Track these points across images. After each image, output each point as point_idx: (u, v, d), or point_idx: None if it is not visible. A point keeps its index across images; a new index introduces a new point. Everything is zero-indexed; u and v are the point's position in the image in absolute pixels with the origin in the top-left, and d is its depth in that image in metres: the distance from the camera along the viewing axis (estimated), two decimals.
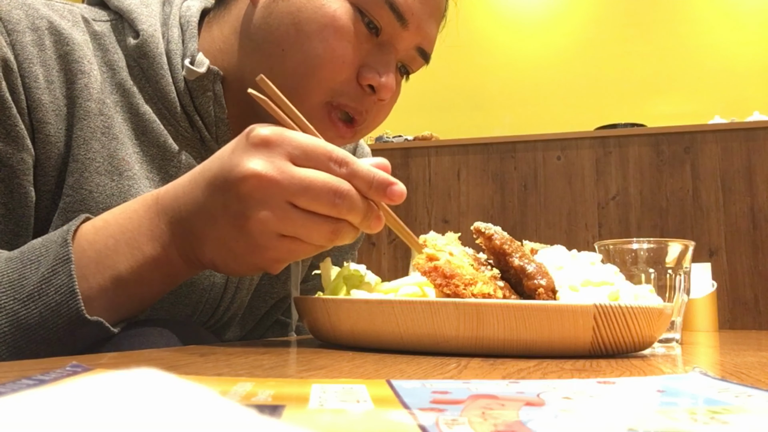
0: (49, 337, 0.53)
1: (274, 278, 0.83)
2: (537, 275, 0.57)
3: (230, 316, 0.79)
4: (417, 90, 4.20)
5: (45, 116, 0.63)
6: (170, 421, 0.14)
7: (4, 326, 0.52)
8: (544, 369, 0.43)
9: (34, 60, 0.63)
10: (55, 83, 0.64)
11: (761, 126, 3.02)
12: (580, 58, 4.01)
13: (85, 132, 0.65)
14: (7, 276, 0.53)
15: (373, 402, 0.27)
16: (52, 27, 0.65)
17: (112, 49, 0.69)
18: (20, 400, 0.14)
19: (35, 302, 0.52)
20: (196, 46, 0.71)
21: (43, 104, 0.63)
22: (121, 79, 0.69)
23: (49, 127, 0.64)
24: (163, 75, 0.69)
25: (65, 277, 0.52)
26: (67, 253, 0.52)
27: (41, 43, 0.64)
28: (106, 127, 0.66)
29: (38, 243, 0.55)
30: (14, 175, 0.62)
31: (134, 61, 0.70)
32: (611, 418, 0.25)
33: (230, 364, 0.43)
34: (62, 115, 0.65)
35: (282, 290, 0.84)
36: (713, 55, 3.83)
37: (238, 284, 0.76)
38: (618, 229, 3.05)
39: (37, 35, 0.64)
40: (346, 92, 0.68)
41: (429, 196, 3.27)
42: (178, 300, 0.71)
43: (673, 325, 0.74)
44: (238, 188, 0.52)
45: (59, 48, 0.65)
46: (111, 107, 0.67)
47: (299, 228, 0.53)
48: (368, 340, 0.56)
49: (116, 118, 0.68)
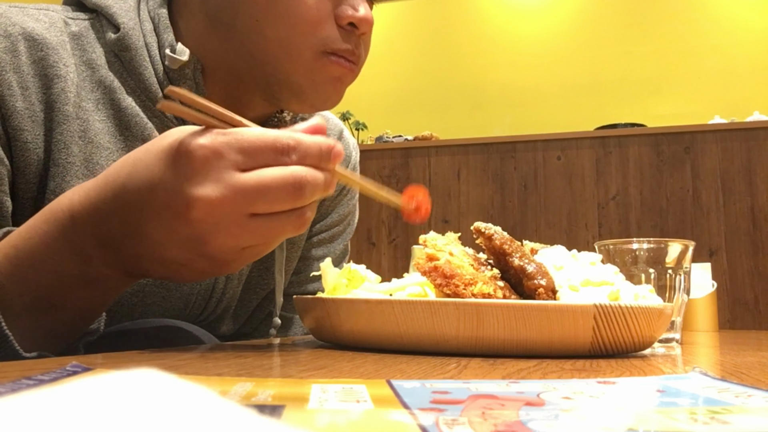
0: None
1: (264, 270, 0.83)
2: (537, 275, 0.57)
3: (223, 309, 0.79)
4: (417, 90, 4.22)
5: (21, 123, 0.63)
6: (170, 422, 0.14)
7: None
8: (544, 369, 0.43)
9: (7, 67, 0.63)
10: (30, 89, 0.64)
11: (761, 126, 3.02)
12: (580, 57, 4.01)
13: (64, 136, 0.64)
14: None
15: (373, 402, 0.27)
16: (25, 32, 0.65)
17: (90, 48, 0.69)
18: (20, 400, 0.14)
19: None
20: (172, 37, 0.71)
21: (17, 111, 0.63)
22: (101, 76, 0.69)
23: (26, 134, 0.63)
24: (146, 66, 0.69)
25: None
26: None
27: (14, 50, 0.64)
28: (83, 131, 0.66)
29: None
30: None
31: (114, 56, 0.70)
32: (611, 418, 0.25)
33: (230, 364, 0.43)
34: (39, 120, 0.64)
35: (272, 282, 0.84)
36: (713, 55, 3.84)
37: (229, 275, 0.76)
38: (618, 229, 3.05)
39: (10, 42, 0.64)
40: (331, 36, 0.68)
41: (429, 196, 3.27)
42: (169, 294, 0.71)
43: (673, 325, 0.74)
44: (187, 215, 0.47)
45: (33, 53, 0.65)
46: (90, 109, 0.67)
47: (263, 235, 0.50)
48: (368, 340, 0.56)
49: (95, 120, 0.67)
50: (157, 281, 0.70)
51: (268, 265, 0.83)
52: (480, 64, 4.14)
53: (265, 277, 0.84)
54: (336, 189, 0.91)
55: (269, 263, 0.83)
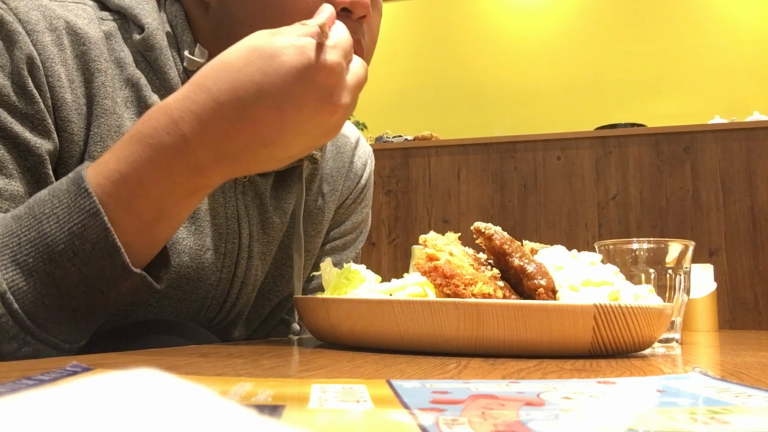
0: (90, 293, 0.53)
1: (279, 276, 0.83)
2: (537, 275, 0.57)
3: (237, 314, 0.79)
4: (417, 90, 4.22)
5: (69, 115, 0.64)
6: (170, 422, 0.14)
7: (38, 288, 0.52)
8: (544, 369, 0.43)
9: (56, 59, 0.64)
10: (75, 82, 0.65)
11: (761, 126, 3.02)
12: (580, 57, 4.01)
13: (101, 130, 0.66)
14: (24, 235, 0.52)
15: (373, 402, 0.27)
16: (68, 26, 0.66)
17: (119, 47, 0.70)
18: (20, 400, 0.14)
19: (71, 261, 0.52)
20: (191, 38, 0.72)
21: (66, 103, 0.64)
22: (129, 74, 0.70)
23: (72, 126, 0.65)
24: (171, 66, 0.70)
25: (101, 231, 0.52)
26: (92, 204, 0.52)
27: (60, 43, 0.65)
28: (117, 125, 0.67)
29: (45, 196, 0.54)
30: (42, 165, 0.62)
31: (140, 56, 0.71)
32: (611, 418, 0.25)
33: (230, 364, 0.43)
34: (83, 113, 0.66)
35: (286, 288, 0.85)
36: (713, 55, 3.84)
37: (244, 279, 0.77)
38: (618, 229, 3.05)
39: (56, 35, 0.65)
40: None
41: (429, 196, 3.27)
42: (185, 296, 0.71)
43: (673, 325, 0.73)
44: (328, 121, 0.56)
45: (77, 47, 0.66)
46: (121, 105, 0.68)
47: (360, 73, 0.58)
48: (368, 340, 0.56)
49: (126, 117, 0.68)
50: (173, 284, 0.70)
51: (283, 272, 0.83)
52: (480, 64, 4.14)
53: (279, 283, 0.84)
54: (351, 197, 0.92)
55: (283, 270, 0.83)
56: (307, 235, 0.84)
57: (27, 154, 0.61)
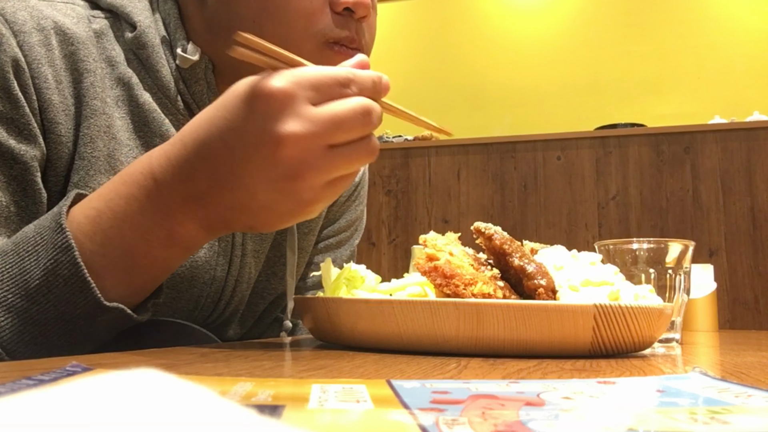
0: (68, 329, 0.53)
1: (272, 274, 0.83)
2: (537, 275, 0.57)
3: (231, 312, 0.79)
4: (417, 90, 4.22)
5: (56, 116, 0.64)
6: (170, 421, 0.14)
7: (16, 325, 0.52)
8: (544, 369, 0.43)
9: (42, 60, 0.64)
10: (63, 83, 0.65)
11: (761, 126, 3.02)
12: (580, 57, 4.01)
13: (91, 130, 0.66)
14: (7, 272, 0.53)
15: (373, 402, 0.27)
16: (57, 27, 0.66)
17: (110, 46, 0.70)
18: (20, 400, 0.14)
19: (46, 297, 0.52)
20: (184, 35, 0.71)
21: (53, 104, 0.64)
22: (120, 72, 0.69)
23: (60, 127, 0.64)
24: (163, 64, 0.70)
25: (71, 266, 0.52)
26: (65, 240, 0.52)
27: (48, 43, 0.65)
28: (107, 126, 0.67)
29: (30, 231, 0.54)
30: (28, 172, 0.62)
31: (133, 54, 0.71)
32: (611, 418, 0.25)
33: (230, 364, 0.43)
34: (71, 114, 0.65)
35: (279, 286, 0.84)
36: (713, 55, 3.83)
37: (238, 278, 0.77)
38: (618, 229, 3.05)
39: (44, 35, 0.64)
40: (329, 25, 0.68)
41: (429, 196, 3.27)
42: (179, 295, 0.71)
43: (673, 325, 0.73)
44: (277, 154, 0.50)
45: (65, 47, 0.66)
46: (112, 105, 0.68)
47: (344, 165, 0.52)
48: (368, 340, 0.56)
49: (116, 117, 0.68)
50: (168, 283, 0.70)
51: (276, 270, 0.83)
52: (480, 64, 4.14)
53: (272, 281, 0.84)
54: (344, 194, 0.92)
55: (277, 268, 0.83)
56: (300, 233, 0.84)
57: (12, 162, 0.61)
